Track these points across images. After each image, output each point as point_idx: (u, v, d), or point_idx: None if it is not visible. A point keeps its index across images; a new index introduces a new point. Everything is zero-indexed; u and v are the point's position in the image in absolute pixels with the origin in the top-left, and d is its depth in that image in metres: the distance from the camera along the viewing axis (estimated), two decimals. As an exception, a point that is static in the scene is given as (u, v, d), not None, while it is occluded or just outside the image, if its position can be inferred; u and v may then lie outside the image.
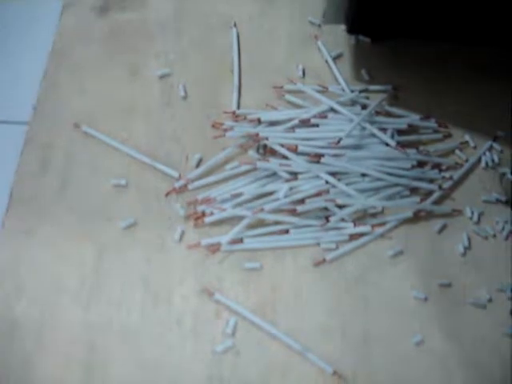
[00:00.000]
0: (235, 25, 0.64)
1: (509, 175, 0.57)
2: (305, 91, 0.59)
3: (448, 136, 0.59)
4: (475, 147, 0.58)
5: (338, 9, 0.55)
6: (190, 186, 0.54)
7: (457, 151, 0.58)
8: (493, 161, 0.58)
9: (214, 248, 0.52)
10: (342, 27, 0.62)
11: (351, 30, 0.56)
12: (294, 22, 0.64)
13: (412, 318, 0.50)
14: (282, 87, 0.59)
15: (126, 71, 0.61)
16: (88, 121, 0.58)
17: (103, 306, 0.50)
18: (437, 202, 0.55)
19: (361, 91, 0.59)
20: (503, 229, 0.54)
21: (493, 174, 0.57)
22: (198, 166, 0.56)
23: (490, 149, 0.58)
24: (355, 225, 0.53)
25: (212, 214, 0.53)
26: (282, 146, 0.55)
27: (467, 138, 0.58)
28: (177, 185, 0.54)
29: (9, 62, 0.64)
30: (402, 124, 0.57)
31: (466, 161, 0.57)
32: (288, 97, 0.59)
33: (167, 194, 0.54)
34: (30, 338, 0.49)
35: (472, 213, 0.55)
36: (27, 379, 0.48)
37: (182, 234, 0.53)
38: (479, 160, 0.58)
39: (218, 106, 0.59)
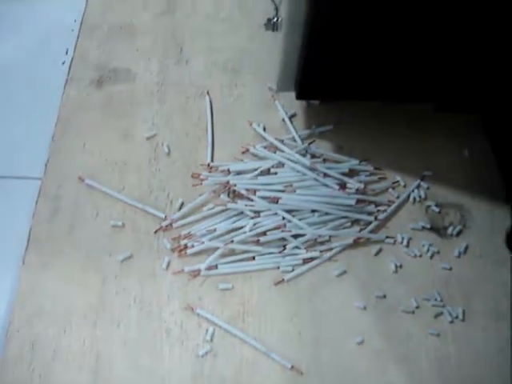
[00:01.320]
0: (208, 93, 0.78)
1: (433, 207, 0.71)
2: (257, 153, 0.73)
3: (383, 177, 0.73)
4: (405, 186, 0.73)
5: (289, 79, 0.69)
6: (174, 225, 0.68)
7: (390, 190, 0.72)
8: (420, 196, 0.72)
9: (195, 273, 0.65)
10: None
11: (299, 97, 0.70)
12: (256, 90, 0.79)
13: (354, 323, 0.63)
14: (248, 150, 0.73)
15: (120, 133, 0.76)
16: (90, 175, 0.72)
17: (107, 323, 0.63)
18: (373, 231, 0.69)
19: (310, 143, 0.74)
20: (428, 250, 0.68)
21: (419, 206, 0.71)
22: (180, 208, 0.69)
23: (418, 187, 0.73)
24: (307, 251, 0.66)
25: (192, 246, 0.66)
26: (248, 190, 0.69)
27: (398, 178, 0.73)
28: (163, 224, 0.68)
29: (23, 128, 0.78)
30: (345, 168, 0.72)
31: (398, 197, 0.72)
32: (253, 151, 0.73)
33: (156, 232, 0.68)
34: (49, 350, 0.61)
35: (402, 238, 0.69)
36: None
37: (169, 263, 0.66)
38: (408, 196, 0.72)
39: (196, 160, 0.73)
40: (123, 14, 0.88)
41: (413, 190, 0.72)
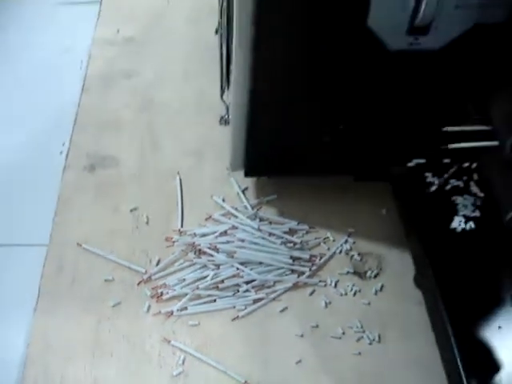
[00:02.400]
0: (178, 173, 1.00)
1: (356, 256, 0.92)
2: (218, 219, 0.94)
3: (316, 234, 0.94)
4: (334, 240, 0.94)
5: (239, 161, 0.91)
6: (153, 277, 0.88)
7: (322, 244, 0.93)
8: (346, 248, 0.93)
9: (169, 314, 0.85)
10: (247, 170, 0.98)
11: (246, 175, 0.92)
12: (216, 169, 1.01)
13: (294, 347, 0.82)
14: (210, 217, 0.95)
15: (109, 208, 0.96)
16: (86, 241, 0.91)
17: (102, 355, 0.81)
18: (309, 276, 0.90)
19: (258, 209, 0.95)
20: (351, 290, 0.88)
21: (345, 256, 0.92)
22: (157, 264, 0.89)
23: (346, 241, 0.94)
24: (256, 293, 0.87)
25: (167, 293, 0.86)
26: (210, 248, 0.90)
27: (328, 234, 0.94)
28: (144, 277, 0.88)
29: (31, 205, 0.98)
30: (286, 228, 0.93)
31: (328, 249, 0.93)
32: (214, 217, 0.95)
33: (139, 283, 0.87)
34: (57, 376, 0.79)
35: (331, 281, 0.89)
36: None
37: (149, 307, 0.85)
38: (336, 249, 0.93)
39: (169, 226, 0.93)
40: (109, 112, 1.10)
41: (341, 245, 0.93)
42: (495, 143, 0.74)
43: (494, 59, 0.76)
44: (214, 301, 0.86)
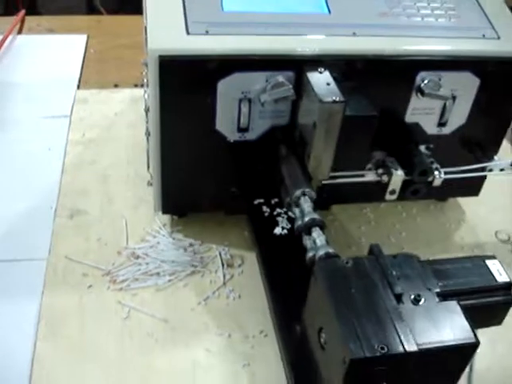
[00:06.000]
0: (125, 217, 1.72)
1: (228, 256, 1.64)
2: (149, 240, 1.66)
3: (207, 246, 1.66)
4: (216, 249, 1.65)
5: (159, 205, 1.62)
6: (110, 272, 1.56)
7: (209, 251, 1.65)
8: (223, 253, 1.65)
9: (120, 289, 1.51)
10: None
11: (163, 213, 1.64)
12: (147, 213, 1.72)
13: (190, 302, 1.51)
14: (144, 239, 1.66)
15: (83, 238, 1.63)
16: (71, 255, 1.59)
17: (85, 313, 1.49)
18: (201, 267, 1.60)
19: (172, 233, 1.67)
20: (224, 275, 1.59)
21: (223, 256, 1.64)
22: (113, 265, 1.58)
23: (223, 249, 1.66)
24: (170, 276, 1.57)
25: (119, 278, 1.55)
26: (143, 254, 1.60)
27: (213, 246, 1.65)
28: (106, 271, 1.57)
29: (34, 241, 1.67)
30: (187, 243, 1.65)
31: (213, 254, 1.64)
32: (146, 239, 1.66)
33: (103, 275, 1.56)
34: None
35: (214, 270, 1.60)
36: None
37: (108, 286, 1.50)
38: (217, 253, 1.64)
39: (120, 245, 1.58)
40: (80, 185, 1.75)
41: (219, 252, 1.64)
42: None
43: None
44: (145, 281, 1.55)
